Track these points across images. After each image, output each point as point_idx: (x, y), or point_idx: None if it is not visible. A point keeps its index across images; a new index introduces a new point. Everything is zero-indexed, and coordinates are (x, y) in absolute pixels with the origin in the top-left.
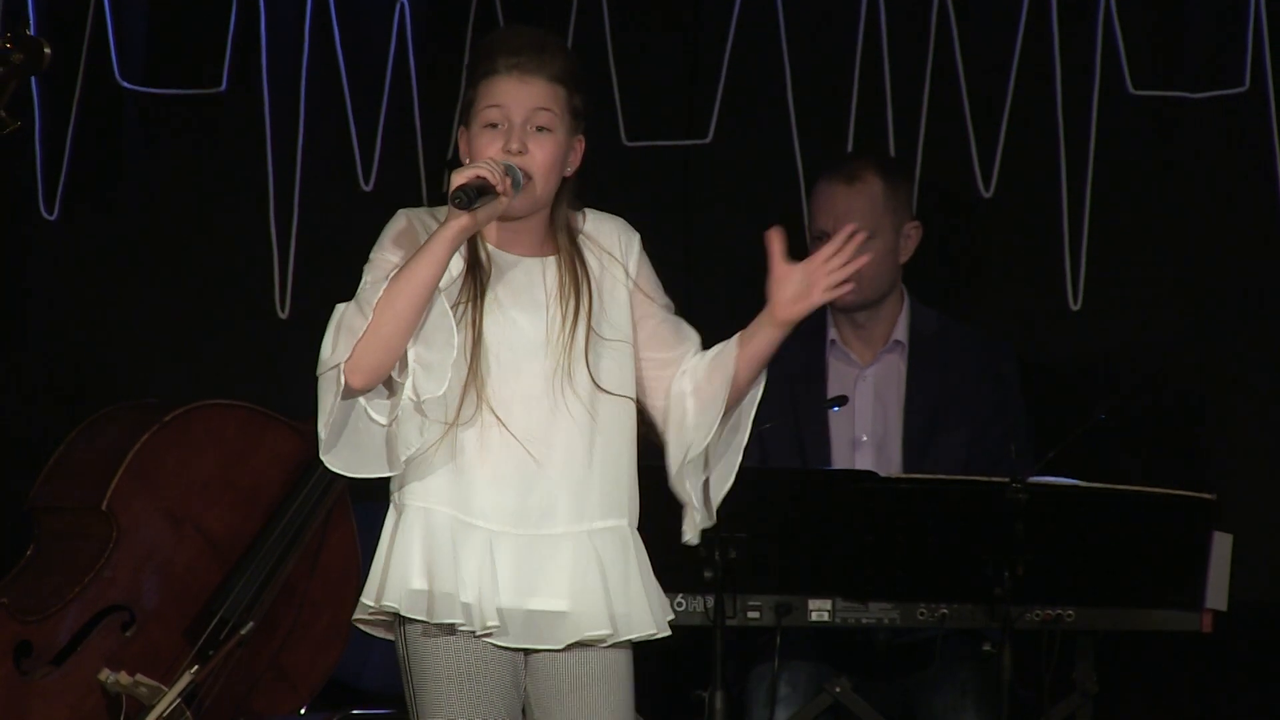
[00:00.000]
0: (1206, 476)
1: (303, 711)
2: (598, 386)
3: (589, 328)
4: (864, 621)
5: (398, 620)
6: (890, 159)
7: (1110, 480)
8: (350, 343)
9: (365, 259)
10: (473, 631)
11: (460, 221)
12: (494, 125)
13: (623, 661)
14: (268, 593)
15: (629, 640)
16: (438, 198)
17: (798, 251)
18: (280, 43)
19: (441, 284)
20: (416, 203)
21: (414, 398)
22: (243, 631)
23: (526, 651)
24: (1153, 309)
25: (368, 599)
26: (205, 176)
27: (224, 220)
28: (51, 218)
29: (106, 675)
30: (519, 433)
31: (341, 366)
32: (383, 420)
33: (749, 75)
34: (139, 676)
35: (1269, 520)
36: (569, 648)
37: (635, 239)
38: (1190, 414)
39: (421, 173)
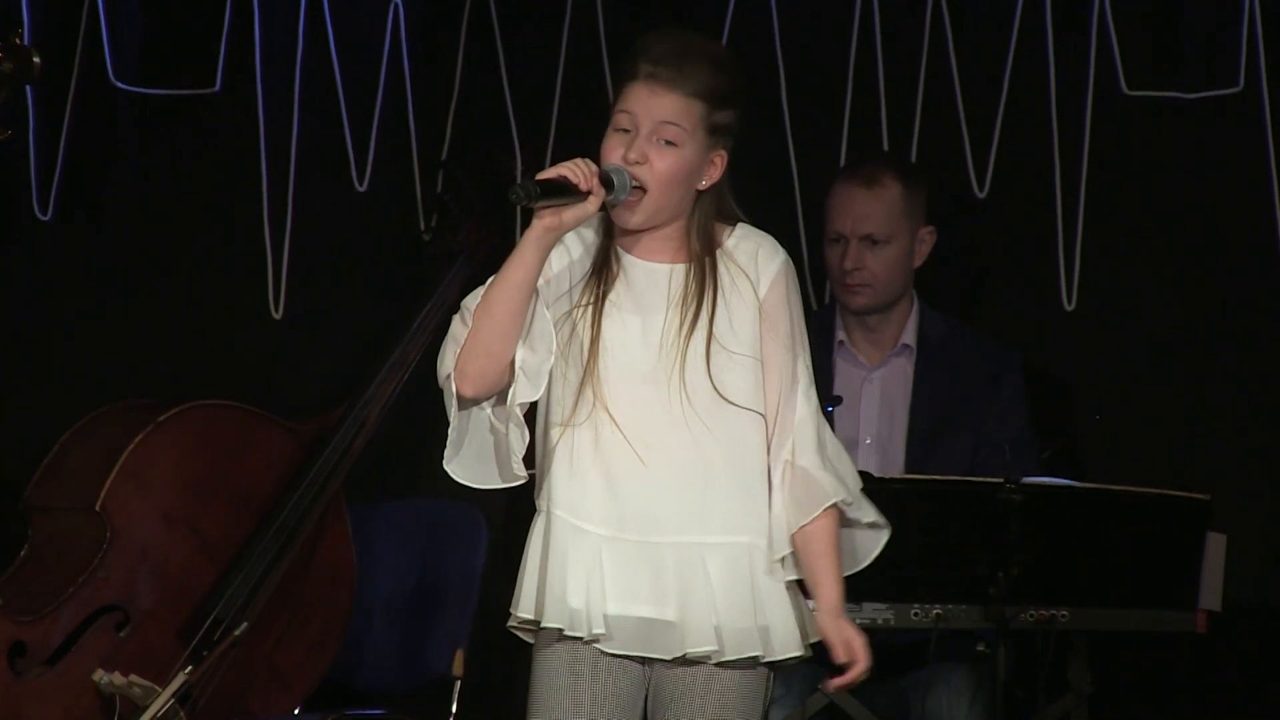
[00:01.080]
0: (1201, 477)
1: (297, 712)
2: (721, 397)
3: (709, 336)
4: (858, 621)
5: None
6: (909, 163)
7: (1105, 481)
8: (455, 352)
9: (359, 259)
10: (581, 638)
11: (542, 222)
12: (623, 130)
13: (740, 683)
14: (262, 593)
15: (757, 661)
16: (434, 200)
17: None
18: (274, 43)
19: (567, 285)
20: (410, 202)
21: (517, 408)
22: (237, 632)
23: (647, 661)
24: (1147, 309)
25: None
26: (199, 176)
27: (218, 220)
28: (46, 218)
29: (100, 675)
30: (629, 434)
31: (451, 376)
32: (503, 427)
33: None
34: (133, 677)
35: (1263, 520)
36: (691, 662)
37: (776, 260)
38: (1184, 414)
39: (416, 173)
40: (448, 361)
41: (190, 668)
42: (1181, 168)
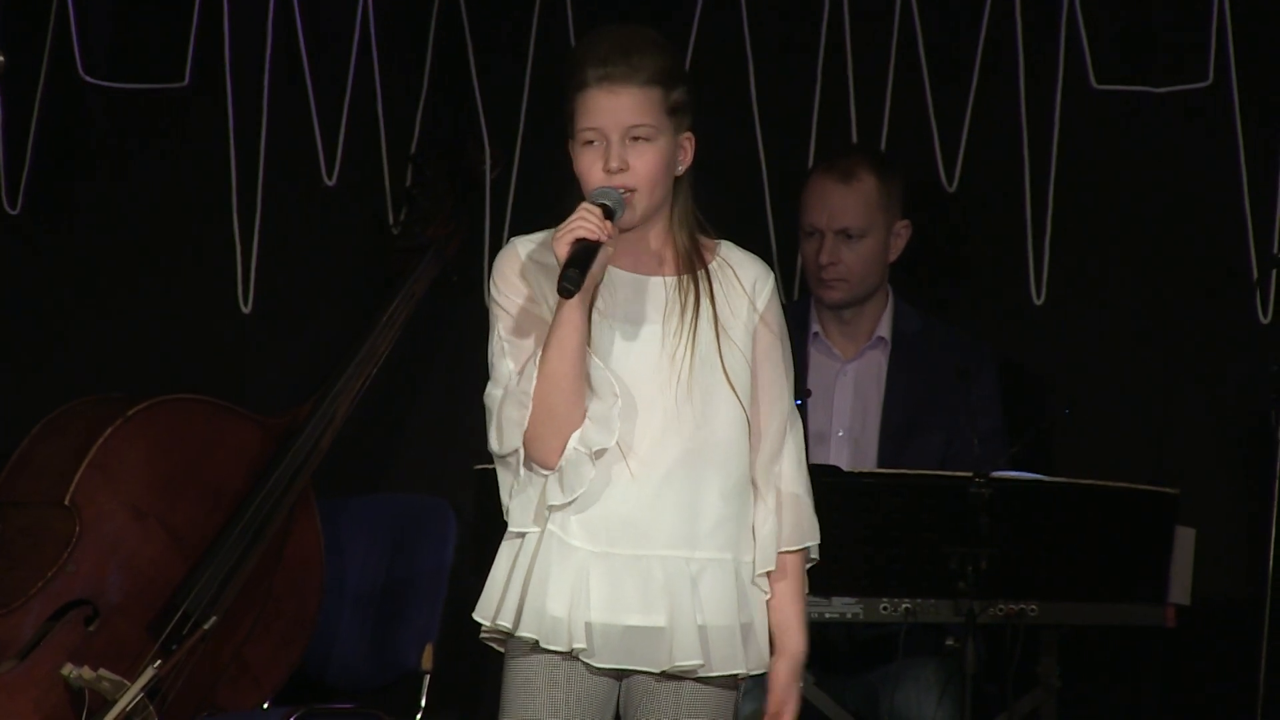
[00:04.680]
0: (1170, 471)
1: (266, 706)
2: (728, 382)
3: (716, 322)
4: (827, 616)
5: (507, 638)
6: (884, 156)
7: (1074, 475)
8: (516, 433)
9: (328, 253)
10: (565, 652)
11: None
12: (591, 143)
13: (714, 696)
14: (231, 587)
15: (732, 678)
16: (403, 194)
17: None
18: (243, 37)
19: (551, 302)
20: (379, 198)
21: (583, 449)
22: (206, 626)
23: (622, 675)
24: (1116, 303)
25: (475, 613)
26: (168, 171)
27: (187, 214)
28: (15, 212)
29: (70, 670)
30: (622, 446)
31: (520, 453)
32: (546, 473)
33: (712, 71)
34: (102, 671)
35: (1231, 514)
36: (665, 676)
37: (769, 281)
38: (1154, 408)
39: (385, 167)
40: (509, 441)
41: (159, 662)
42: (1151, 162)
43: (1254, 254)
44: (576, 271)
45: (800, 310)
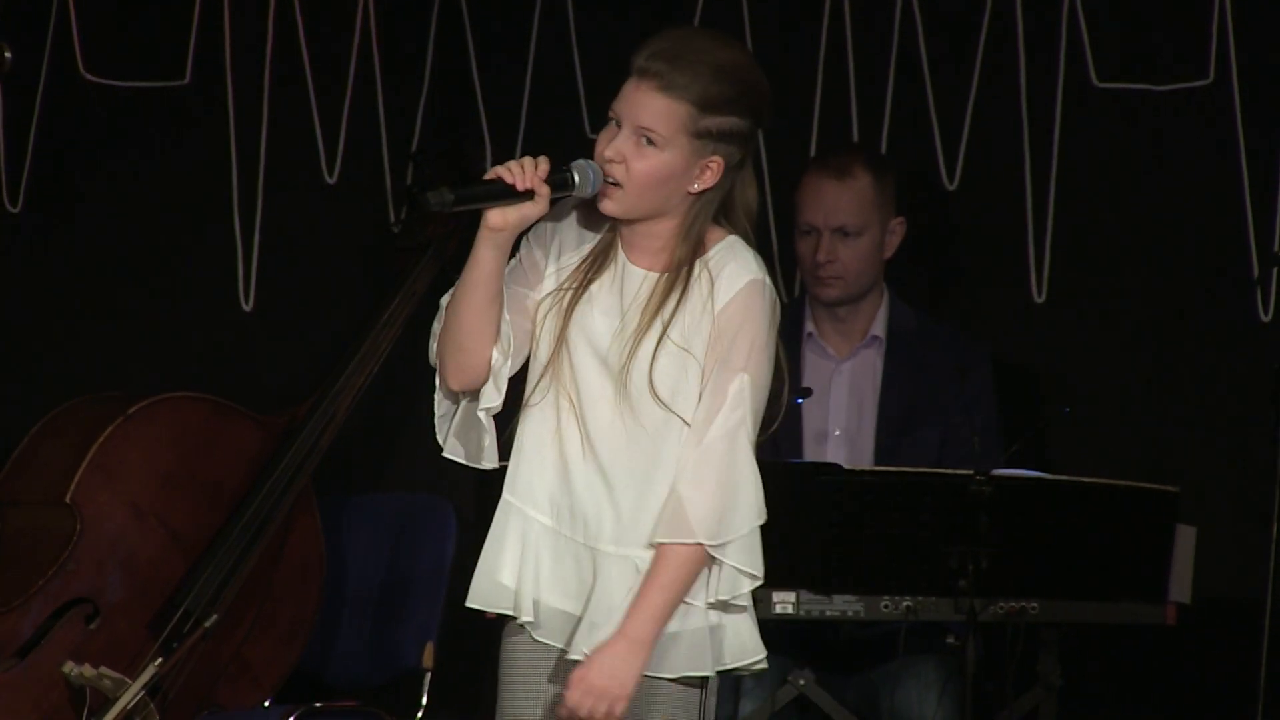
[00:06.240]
0: (1170, 469)
1: (266, 704)
2: (653, 392)
3: (662, 335)
4: (828, 614)
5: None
6: (879, 154)
7: (1074, 473)
8: (432, 345)
9: (329, 251)
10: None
11: (487, 224)
12: (614, 123)
13: (663, 694)
14: (231, 586)
15: (684, 677)
16: (403, 192)
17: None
18: (244, 34)
19: (560, 265)
20: (380, 195)
21: (481, 408)
22: (206, 624)
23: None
24: (1117, 302)
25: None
26: (169, 169)
27: (188, 212)
28: (15, 210)
29: (71, 668)
30: (581, 425)
31: (436, 367)
32: (482, 416)
33: None
34: (103, 669)
35: (1232, 513)
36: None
37: (740, 280)
38: (1154, 406)
39: (385, 165)
40: (431, 353)
41: (160, 660)
42: (1152, 160)
43: (1254, 252)
44: (452, 194)
45: (794, 311)
